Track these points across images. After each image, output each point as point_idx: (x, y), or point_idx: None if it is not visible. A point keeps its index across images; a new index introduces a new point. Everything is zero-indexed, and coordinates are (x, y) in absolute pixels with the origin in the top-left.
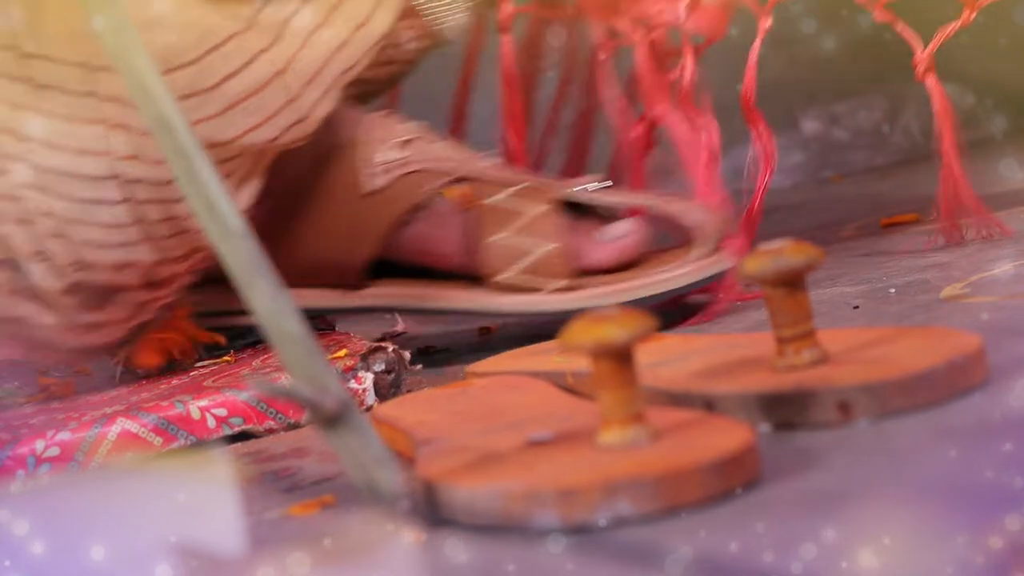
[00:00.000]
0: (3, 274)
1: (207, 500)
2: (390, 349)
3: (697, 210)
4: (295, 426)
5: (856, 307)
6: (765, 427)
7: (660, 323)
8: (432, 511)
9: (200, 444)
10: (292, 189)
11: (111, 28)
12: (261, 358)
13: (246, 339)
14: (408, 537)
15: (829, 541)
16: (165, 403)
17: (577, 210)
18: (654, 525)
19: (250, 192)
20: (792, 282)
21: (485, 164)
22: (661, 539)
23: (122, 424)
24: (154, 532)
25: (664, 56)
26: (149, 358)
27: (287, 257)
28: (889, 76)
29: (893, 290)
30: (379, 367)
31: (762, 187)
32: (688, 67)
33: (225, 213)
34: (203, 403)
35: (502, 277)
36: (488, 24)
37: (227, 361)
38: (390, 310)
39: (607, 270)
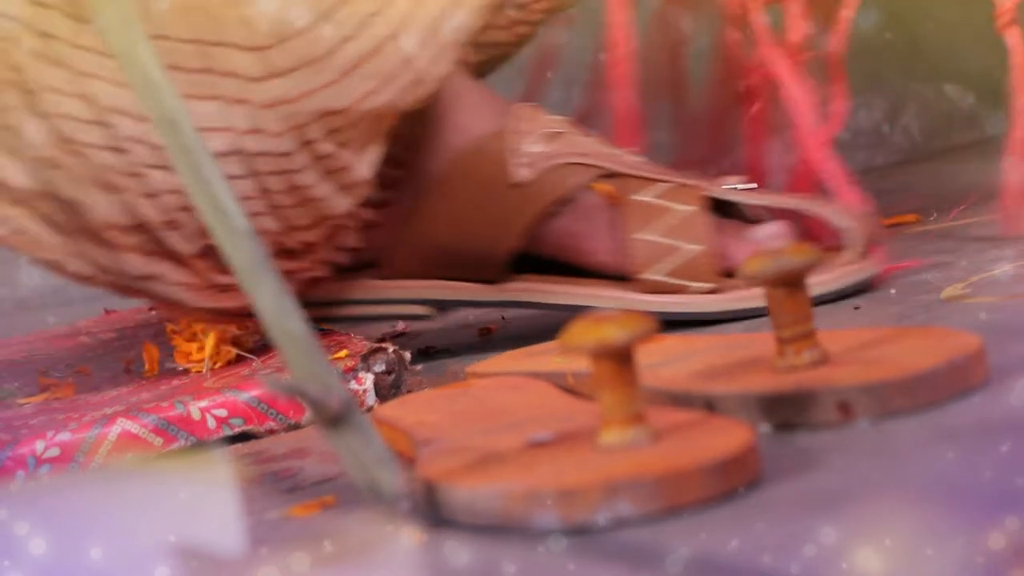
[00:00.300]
0: (136, 237)
1: (207, 501)
2: (390, 350)
3: (847, 214)
4: (295, 427)
5: (857, 307)
6: (765, 427)
7: None
8: (432, 511)
9: (200, 445)
10: (437, 177)
11: (114, 24)
12: (262, 358)
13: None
14: (408, 538)
15: (829, 541)
16: (165, 404)
17: (721, 209)
18: (655, 525)
19: (371, 159)
20: (792, 282)
21: (633, 160)
22: (661, 539)
23: (122, 425)
24: (154, 533)
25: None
26: (191, 353)
27: (429, 246)
28: (889, 76)
29: (893, 290)
30: (379, 368)
31: (827, 139)
32: (799, 25)
33: (230, 212)
34: (203, 404)
35: (647, 275)
36: None
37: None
38: (530, 306)
39: None
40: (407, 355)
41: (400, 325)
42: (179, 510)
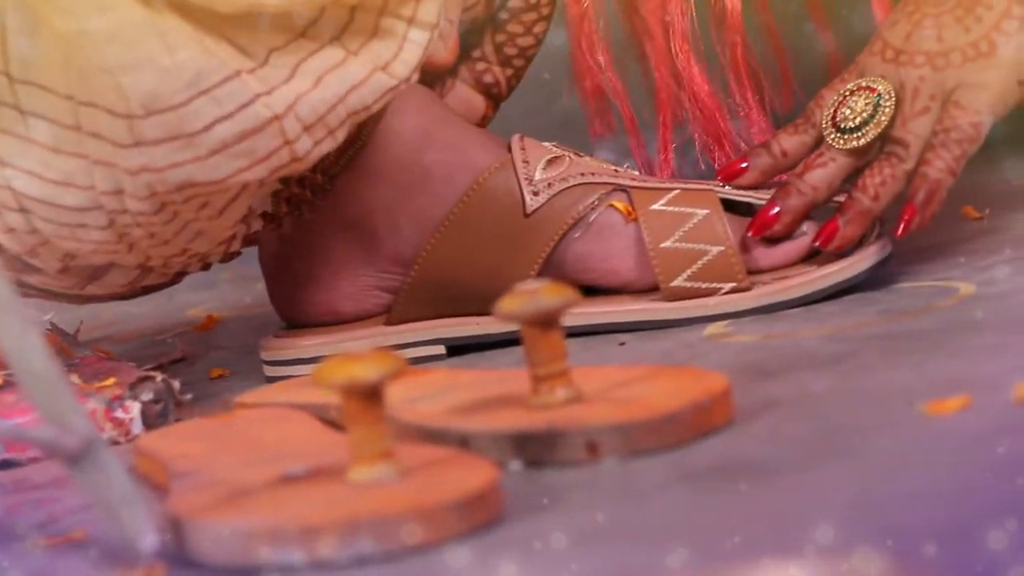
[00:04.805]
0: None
1: None
2: (159, 378)
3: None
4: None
5: (622, 343)
6: (517, 464)
7: None
8: (181, 549)
9: None
10: (458, 219)
11: None
12: None
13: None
14: None
15: None
16: None
17: (733, 208)
18: (396, 563)
19: (236, 215)
20: (547, 322)
21: (635, 173)
22: None
23: None
24: None
25: None
26: None
27: (442, 287)
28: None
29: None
30: (147, 396)
31: None
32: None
33: None
34: None
35: (676, 284)
36: None
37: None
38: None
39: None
40: (176, 384)
41: (178, 351)
42: None
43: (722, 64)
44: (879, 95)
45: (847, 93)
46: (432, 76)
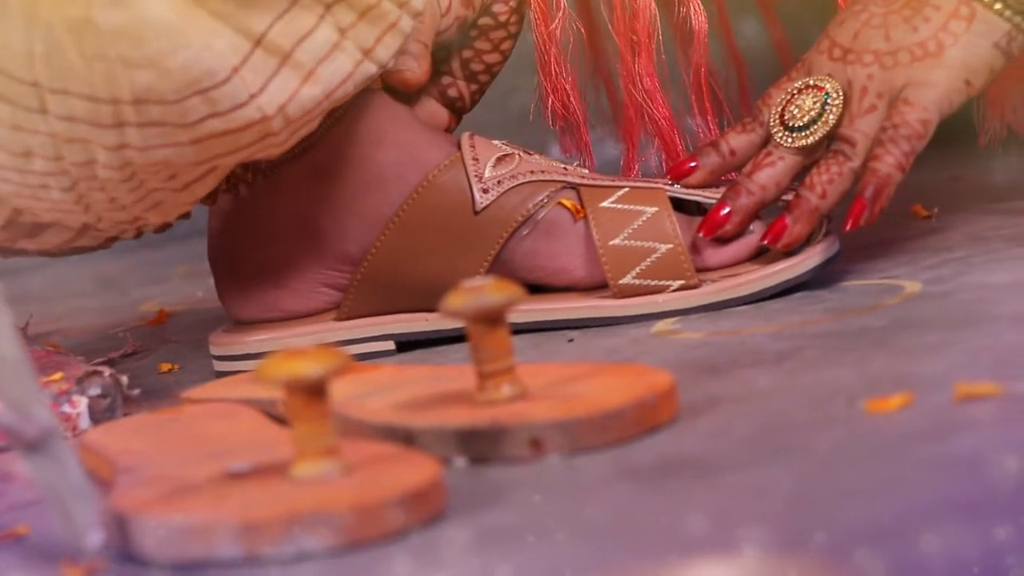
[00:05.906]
0: None
1: None
2: (107, 373)
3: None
4: (3, 449)
5: (571, 340)
6: (462, 461)
7: None
8: (124, 544)
9: None
10: (407, 216)
11: None
12: None
13: None
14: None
15: None
16: None
17: (682, 206)
18: (338, 560)
19: (200, 192)
20: (492, 319)
21: (583, 172)
22: (344, 574)
23: None
24: None
25: None
26: None
27: (392, 283)
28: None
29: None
30: (95, 391)
31: None
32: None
33: None
34: None
35: (625, 281)
36: None
37: None
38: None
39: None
40: (124, 379)
41: (130, 345)
42: None
43: (685, 86)
44: (827, 93)
45: (795, 91)
46: (403, 95)
